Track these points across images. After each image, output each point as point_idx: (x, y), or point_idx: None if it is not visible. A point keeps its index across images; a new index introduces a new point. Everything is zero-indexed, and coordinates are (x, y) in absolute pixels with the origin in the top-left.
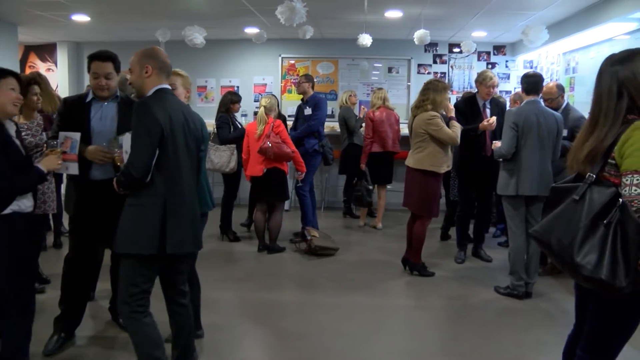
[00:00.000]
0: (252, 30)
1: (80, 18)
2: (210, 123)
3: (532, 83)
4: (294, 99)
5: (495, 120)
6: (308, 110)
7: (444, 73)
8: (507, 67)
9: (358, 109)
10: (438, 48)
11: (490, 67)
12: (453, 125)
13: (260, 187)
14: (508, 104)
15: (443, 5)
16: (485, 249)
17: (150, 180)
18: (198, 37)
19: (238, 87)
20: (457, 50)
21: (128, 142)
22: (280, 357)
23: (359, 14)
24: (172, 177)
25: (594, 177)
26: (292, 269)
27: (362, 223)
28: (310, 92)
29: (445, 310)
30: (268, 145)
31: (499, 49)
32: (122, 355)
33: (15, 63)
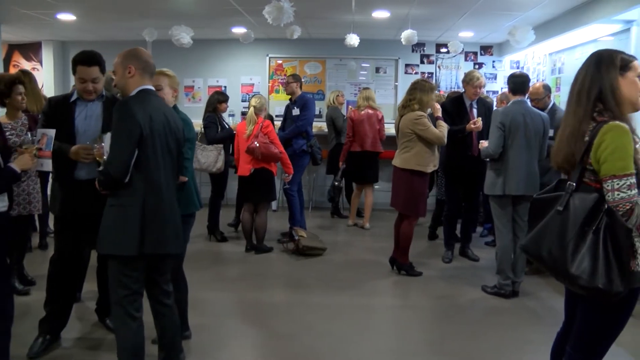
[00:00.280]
0: (239, 30)
1: (66, 17)
2: (198, 123)
3: (518, 83)
4: (282, 99)
5: (481, 121)
6: (296, 111)
7: (432, 73)
8: (494, 67)
9: (346, 109)
10: (425, 48)
11: (478, 67)
12: (440, 125)
13: (247, 187)
14: (495, 104)
15: (430, 6)
16: (473, 249)
17: (130, 181)
18: (185, 36)
19: (225, 87)
20: (444, 51)
21: (109, 141)
22: (268, 357)
23: (347, 14)
24: (151, 177)
25: (574, 185)
26: (279, 269)
27: (350, 223)
28: (299, 92)
29: (433, 310)
30: (255, 145)
31: (486, 49)
32: (108, 357)
33: None
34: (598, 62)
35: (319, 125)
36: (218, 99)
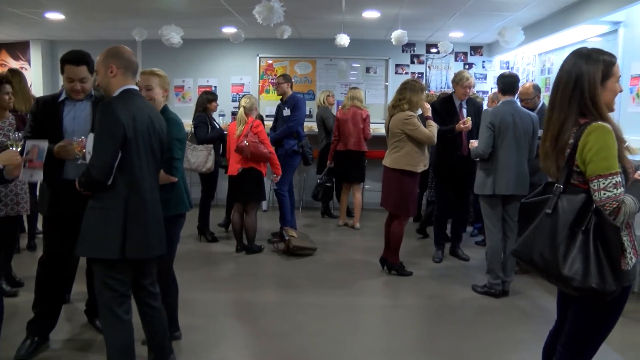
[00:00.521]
0: (229, 30)
1: (54, 16)
2: (188, 123)
3: (508, 83)
4: (272, 99)
5: (471, 121)
6: (287, 111)
7: (422, 73)
8: (484, 67)
9: (336, 109)
10: (415, 48)
11: (468, 67)
12: (430, 125)
13: (236, 186)
14: (486, 104)
15: (420, 6)
16: (463, 248)
17: (112, 183)
18: (175, 36)
19: (216, 87)
20: (434, 51)
21: (91, 142)
22: (259, 357)
23: (337, 14)
24: (134, 179)
25: (562, 187)
26: (270, 269)
27: (341, 222)
28: (289, 92)
29: (423, 309)
30: (245, 144)
31: (476, 50)
32: (98, 358)
33: None
34: (578, 74)
35: (309, 125)
36: (207, 99)
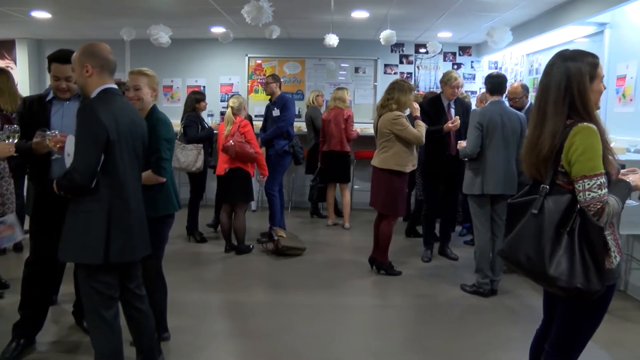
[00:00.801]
0: (218, 30)
1: (41, 15)
2: (176, 123)
3: (496, 84)
4: (261, 99)
5: (459, 120)
6: (276, 112)
7: (410, 73)
8: (472, 67)
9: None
10: (404, 48)
11: (456, 67)
12: (418, 125)
13: (224, 186)
14: (474, 104)
15: (409, 6)
16: (452, 248)
17: (95, 186)
18: (163, 36)
19: (204, 87)
20: (423, 51)
21: (71, 145)
22: (248, 357)
23: (326, 14)
24: (118, 182)
25: (548, 188)
26: (259, 270)
27: (330, 222)
28: (278, 92)
29: (412, 309)
30: (230, 144)
31: (465, 50)
32: None
33: None
34: (568, 76)
35: (298, 125)
36: (196, 98)
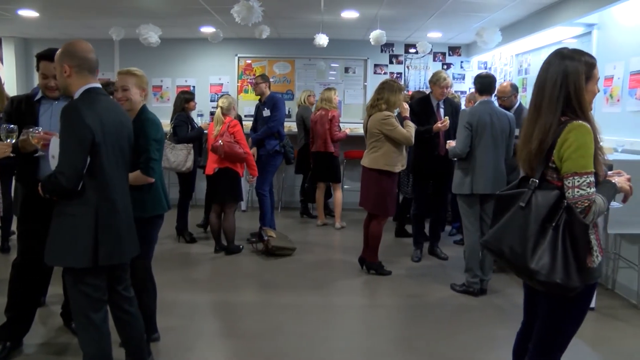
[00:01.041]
0: (208, 30)
1: (28, 13)
2: (166, 123)
3: (485, 84)
4: (251, 99)
5: (449, 121)
6: (267, 112)
7: (400, 73)
8: (462, 67)
9: None
10: (394, 48)
11: (446, 67)
12: (407, 125)
13: (213, 186)
14: (463, 104)
15: (399, 6)
16: (441, 247)
17: (81, 189)
18: (153, 35)
19: (194, 86)
20: (413, 51)
21: (56, 146)
22: (237, 358)
23: (316, 14)
24: (104, 184)
25: (537, 182)
26: (249, 270)
27: (319, 222)
28: (268, 92)
29: (402, 309)
30: (219, 144)
31: (454, 50)
32: None
33: None
34: (565, 74)
35: (288, 125)
36: (185, 98)
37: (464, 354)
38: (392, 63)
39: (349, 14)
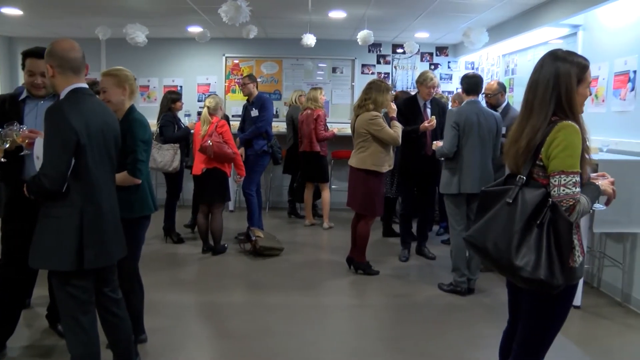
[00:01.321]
0: (195, 29)
1: (12, 11)
2: (152, 123)
3: (472, 84)
4: (238, 99)
5: (435, 120)
6: (255, 112)
7: (388, 73)
8: (449, 67)
9: None
10: (382, 48)
11: (433, 67)
12: (394, 125)
13: (201, 186)
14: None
15: (386, 7)
16: (429, 247)
17: (66, 190)
18: (140, 35)
19: (181, 86)
20: (400, 51)
21: (40, 147)
22: (225, 358)
23: (303, 14)
24: (90, 187)
25: (525, 179)
26: (237, 270)
27: (307, 222)
28: (256, 92)
29: (390, 308)
30: (208, 144)
31: (442, 50)
32: None
33: None
34: (557, 75)
35: (276, 125)
36: (172, 98)
37: (452, 353)
38: (379, 63)
39: (337, 14)
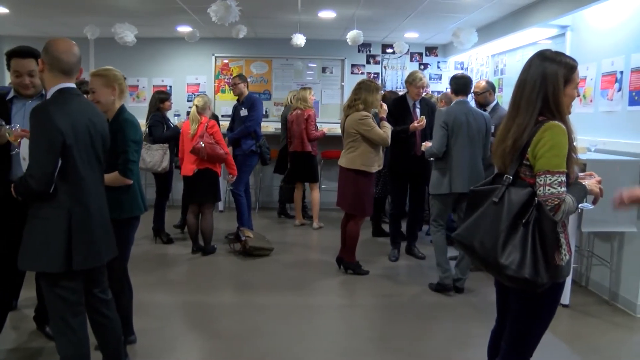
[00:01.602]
0: (184, 29)
1: None
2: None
3: (460, 84)
4: (228, 99)
5: (425, 120)
6: (244, 111)
7: (377, 73)
8: (439, 68)
9: None
10: (371, 48)
11: (423, 67)
12: (384, 126)
13: (192, 187)
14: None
15: (376, 7)
16: (419, 247)
17: (54, 191)
18: (129, 35)
19: (171, 86)
20: (390, 51)
21: (26, 148)
22: (215, 359)
23: (293, 14)
24: (77, 187)
25: (511, 178)
26: (226, 270)
27: (297, 222)
28: (246, 92)
29: (380, 308)
30: (201, 146)
31: (431, 50)
32: None
33: None
34: (544, 76)
35: (266, 125)
36: (160, 98)
37: (441, 353)
38: (369, 63)
39: (326, 14)
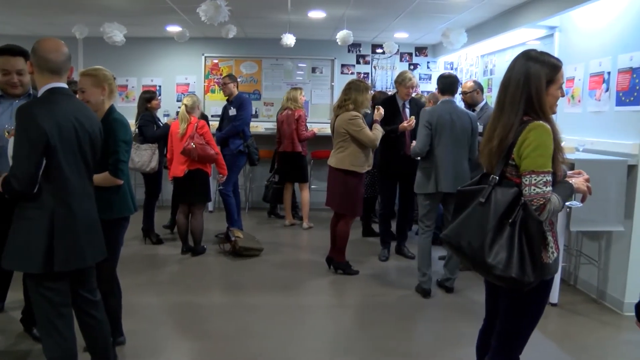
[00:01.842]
0: (174, 29)
1: None
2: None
3: (447, 84)
4: (218, 99)
5: (414, 120)
6: (233, 111)
7: (367, 73)
8: (428, 68)
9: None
10: (361, 49)
11: (412, 68)
12: (375, 128)
13: (182, 187)
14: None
15: (366, 7)
16: (408, 247)
17: (38, 192)
18: (118, 34)
19: (160, 86)
20: (380, 51)
21: (11, 148)
22: None
23: (283, 14)
24: (62, 188)
25: (497, 178)
26: (216, 271)
27: (287, 222)
28: (236, 92)
29: (370, 308)
30: (192, 147)
31: (421, 51)
32: None
33: None
34: (527, 75)
35: (255, 125)
36: (146, 98)
37: (430, 352)
38: (359, 63)
39: (316, 14)
